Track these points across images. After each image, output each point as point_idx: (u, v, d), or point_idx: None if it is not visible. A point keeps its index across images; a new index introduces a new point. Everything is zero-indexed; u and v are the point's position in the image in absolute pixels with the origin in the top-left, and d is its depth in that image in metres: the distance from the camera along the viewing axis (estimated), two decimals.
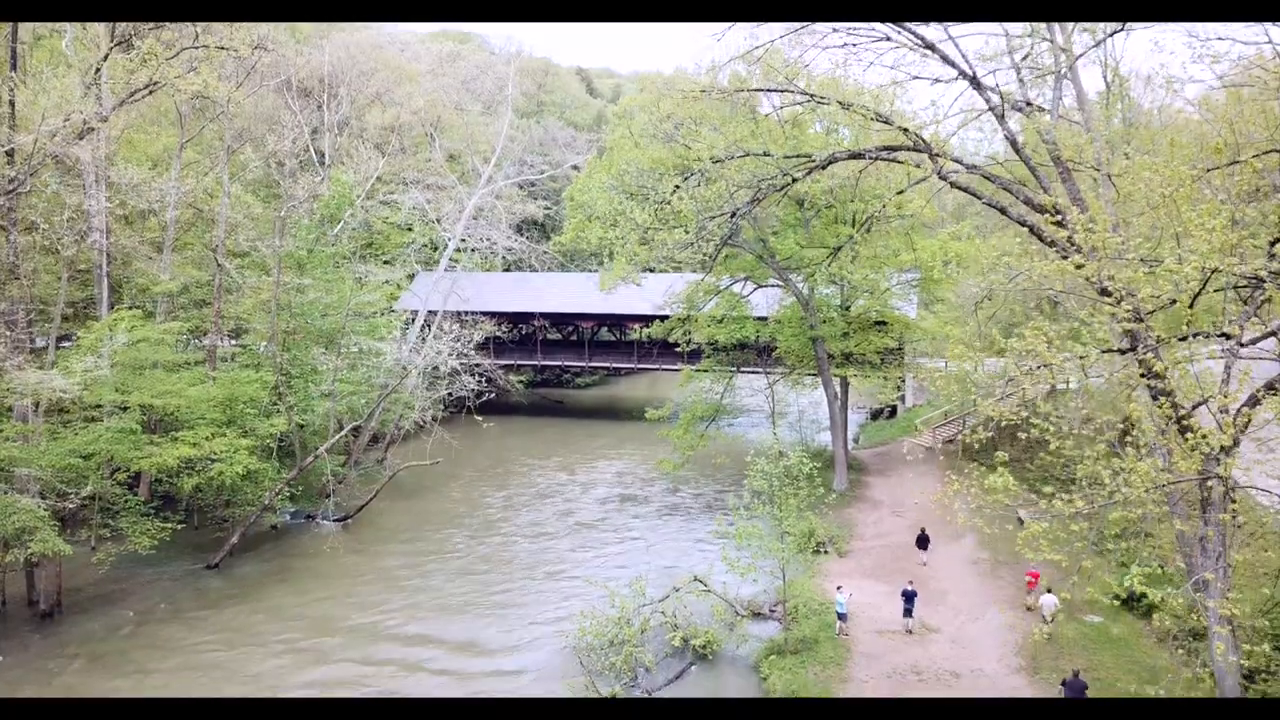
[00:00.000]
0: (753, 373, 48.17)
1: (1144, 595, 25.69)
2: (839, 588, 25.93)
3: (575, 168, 64.30)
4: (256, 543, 34.83)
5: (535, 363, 63.15)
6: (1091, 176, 15.25)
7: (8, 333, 24.90)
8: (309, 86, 59.17)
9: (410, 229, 59.27)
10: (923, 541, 31.02)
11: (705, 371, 42.42)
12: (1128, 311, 11.09)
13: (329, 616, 28.17)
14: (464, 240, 57.83)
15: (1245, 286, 12.14)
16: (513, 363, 61.83)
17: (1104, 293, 11.86)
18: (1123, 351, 12.60)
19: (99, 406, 29.19)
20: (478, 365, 50.13)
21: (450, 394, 47.71)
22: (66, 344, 34.20)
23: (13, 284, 27.23)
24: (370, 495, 38.90)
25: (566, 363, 64.69)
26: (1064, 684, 20.46)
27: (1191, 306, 11.15)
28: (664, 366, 57.89)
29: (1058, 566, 16.51)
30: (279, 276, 36.07)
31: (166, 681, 23.68)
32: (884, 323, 40.88)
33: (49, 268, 34.19)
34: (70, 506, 25.89)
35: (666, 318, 42.85)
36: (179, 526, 31.48)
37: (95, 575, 30.24)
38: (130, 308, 32.97)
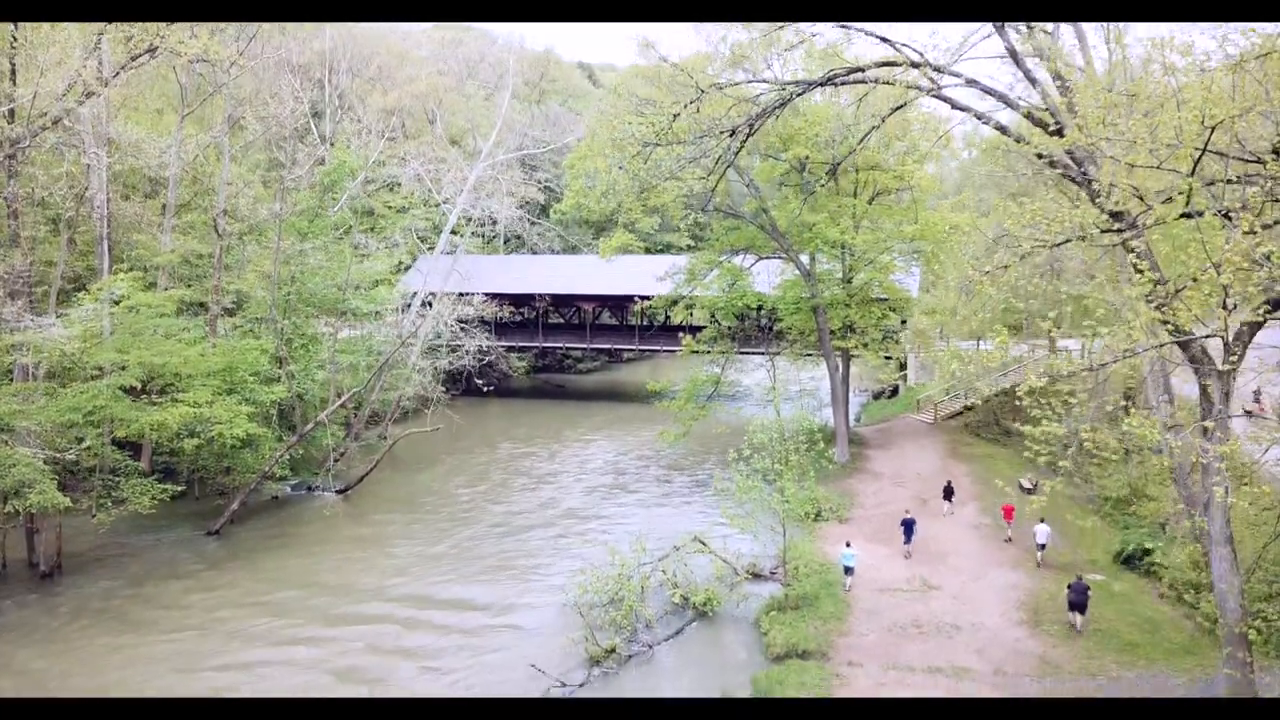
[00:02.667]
0: (755, 353, 48.04)
1: (1147, 552, 25.80)
2: (847, 544, 25.93)
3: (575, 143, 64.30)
4: (257, 512, 34.87)
5: (537, 344, 62.95)
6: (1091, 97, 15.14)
7: (5, 275, 24.86)
8: (309, 65, 59.17)
9: (403, 211, 59.02)
10: (949, 492, 32.12)
11: (706, 347, 42.23)
12: (1126, 186, 10.96)
13: (328, 579, 28.12)
14: (465, 214, 57.80)
15: (1244, 179, 12.00)
16: (515, 344, 61.80)
17: (1091, 192, 11.73)
18: (1119, 231, 12.50)
19: (100, 369, 29.23)
20: (479, 345, 50.16)
21: (451, 364, 47.71)
22: None
23: (14, 252, 27.20)
24: (371, 465, 38.87)
25: (568, 344, 64.54)
26: (1070, 587, 22.13)
27: (1193, 173, 11.00)
28: (665, 348, 57.72)
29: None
30: (279, 240, 36.03)
31: (162, 639, 23.65)
32: (886, 299, 40.78)
33: (48, 238, 34.20)
34: (69, 458, 25.88)
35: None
36: (180, 494, 31.48)
37: (95, 540, 30.30)
38: (130, 268, 33.00)
